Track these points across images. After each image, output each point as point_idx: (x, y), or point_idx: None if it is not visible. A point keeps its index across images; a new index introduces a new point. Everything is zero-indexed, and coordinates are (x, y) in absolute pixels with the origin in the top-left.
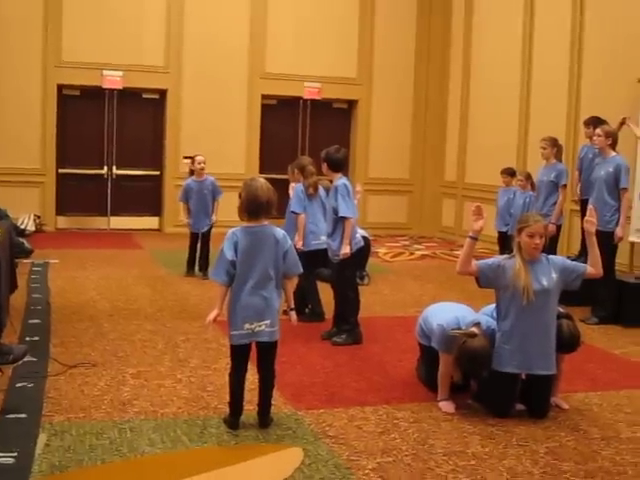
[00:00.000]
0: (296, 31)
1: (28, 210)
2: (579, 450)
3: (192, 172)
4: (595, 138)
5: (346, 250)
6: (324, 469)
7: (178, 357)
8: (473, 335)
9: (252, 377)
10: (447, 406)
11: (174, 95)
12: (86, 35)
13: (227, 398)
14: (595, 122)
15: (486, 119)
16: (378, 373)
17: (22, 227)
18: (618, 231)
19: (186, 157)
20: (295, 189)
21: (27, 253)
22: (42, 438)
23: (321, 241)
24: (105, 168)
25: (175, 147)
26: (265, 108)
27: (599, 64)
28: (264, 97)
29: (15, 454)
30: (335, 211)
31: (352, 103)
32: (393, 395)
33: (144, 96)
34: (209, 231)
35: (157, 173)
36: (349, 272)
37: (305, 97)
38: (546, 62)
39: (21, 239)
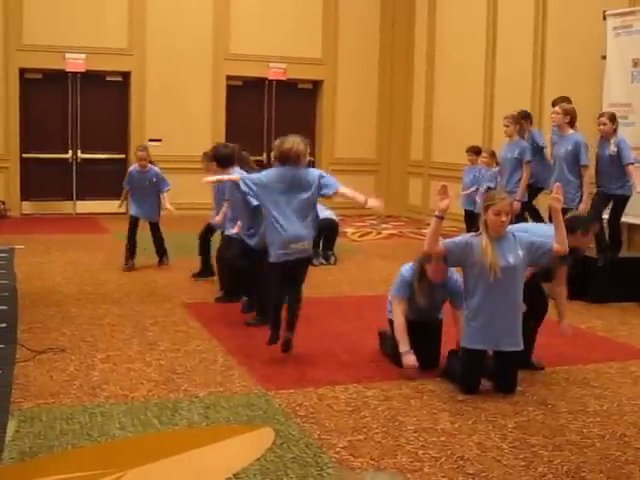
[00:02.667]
0: (260, 11)
1: None
2: (547, 424)
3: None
4: (553, 115)
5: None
6: (295, 448)
7: (147, 340)
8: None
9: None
10: (410, 359)
11: (138, 77)
12: (47, 17)
13: (203, 375)
14: (562, 102)
15: (451, 98)
16: (348, 352)
17: None
18: (582, 208)
19: (152, 140)
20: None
21: None
22: (11, 425)
23: None
24: (70, 152)
25: (140, 130)
26: (230, 89)
27: (563, 40)
28: (229, 78)
29: None
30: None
31: (317, 83)
32: (363, 374)
33: (107, 79)
34: (157, 221)
35: (122, 156)
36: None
37: (270, 78)
38: (511, 40)
39: None
